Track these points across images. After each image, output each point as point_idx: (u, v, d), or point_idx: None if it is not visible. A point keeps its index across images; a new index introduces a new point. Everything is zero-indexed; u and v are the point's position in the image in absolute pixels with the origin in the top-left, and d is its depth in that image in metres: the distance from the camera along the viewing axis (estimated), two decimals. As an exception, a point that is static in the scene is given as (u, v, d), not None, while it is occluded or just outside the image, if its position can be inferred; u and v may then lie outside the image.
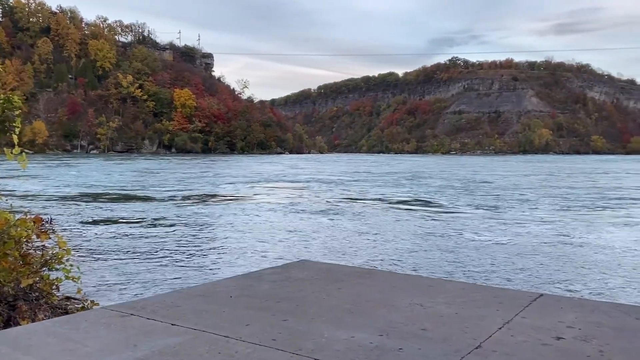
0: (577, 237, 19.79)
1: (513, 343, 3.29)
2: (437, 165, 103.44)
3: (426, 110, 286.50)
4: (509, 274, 13.54)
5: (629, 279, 13.24)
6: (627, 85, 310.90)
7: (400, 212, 28.09)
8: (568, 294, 11.26)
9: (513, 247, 17.29)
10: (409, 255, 16.03)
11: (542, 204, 31.19)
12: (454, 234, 20.17)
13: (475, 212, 27.77)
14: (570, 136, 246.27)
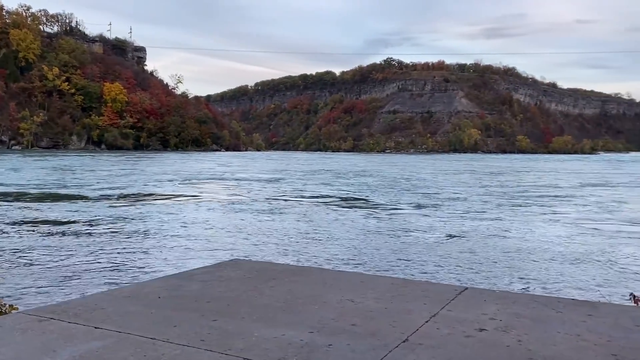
0: (507, 232, 20.75)
1: (439, 336, 3.39)
2: (373, 163, 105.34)
3: (362, 109, 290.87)
4: (440, 268, 14.00)
5: (552, 271, 14.03)
6: (549, 89, 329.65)
7: (336, 209, 28.37)
8: (495, 287, 11.79)
9: (446, 243, 17.89)
10: (344, 252, 16.23)
11: (475, 201, 32.47)
12: (390, 231, 20.61)
13: (411, 209, 28.50)
14: (498, 136, 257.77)
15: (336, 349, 3.08)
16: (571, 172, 74.52)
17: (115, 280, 11.76)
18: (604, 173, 73.98)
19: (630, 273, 14.02)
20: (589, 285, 12.51)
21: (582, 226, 22.97)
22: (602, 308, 4.29)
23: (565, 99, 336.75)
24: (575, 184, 50.32)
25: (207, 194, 36.38)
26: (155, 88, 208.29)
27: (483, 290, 4.85)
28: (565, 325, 3.69)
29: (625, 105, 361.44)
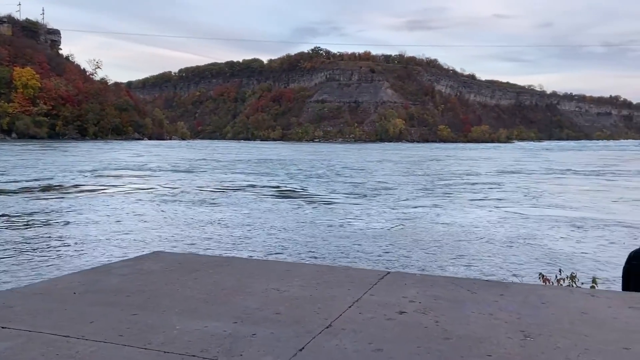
0: (435, 218, 21.55)
1: (361, 320, 3.47)
2: (303, 152, 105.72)
3: (291, 98, 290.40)
4: (370, 254, 14.34)
5: (478, 254, 14.75)
6: (469, 80, 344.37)
7: (267, 199, 28.27)
8: (424, 270, 12.25)
9: (377, 230, 18.32)
10: (276, 242, 16.23)
11: (404, 189, 33.44)
12: (322, 220, 20.81)
13: (343, 198, 28.91)
14: (421, 126, 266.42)
15: (260, 338, 3.07)
16: (491, 160, 78.50)
17: (26, 278, 11.11)
18: (521, 160, 78.56)
19: (551, 254, 15.01)
20: (511, 266, 13.27)
21: (506, 211, 24.33)
22: (513, 288, 4.56)
23: (483, 90, 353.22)
24: (496, 171, 53.12)
25: (129, 185, 35.05)
26: (72, 73, 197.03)
27: (405, 274, 5.02)
28: (479, 305, 3.89)
29: (538, 97, 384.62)
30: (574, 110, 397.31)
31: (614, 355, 3.01)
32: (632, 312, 3.81)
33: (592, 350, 3.08)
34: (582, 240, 17.36)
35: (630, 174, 49.49)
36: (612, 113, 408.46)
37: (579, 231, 19.14)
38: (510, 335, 3.28)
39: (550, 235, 17.99)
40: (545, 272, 8.30)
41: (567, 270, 10.34)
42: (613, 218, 22.06)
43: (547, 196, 30.83)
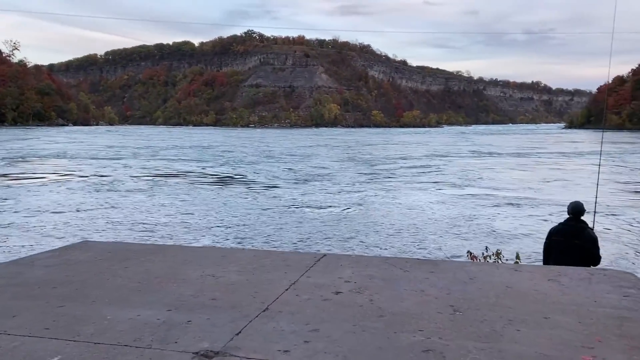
0: (378, 201, 21.92)
1: (298, 302, 3.50)
2: (238, 138, 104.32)
3: (224, 82, 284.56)
4: (310, 239, 14.43)
5: (419, 235, 15.19)
6: (401, 66, 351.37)
7: (205, 187, 27.74)
8: (366, 252, 12.48)
9: (319, 215, 18.41)
10: (213, 229, 15.99)
11: (344, 174, 33.75)
12: (262, 206, 20.68)
13: (283, 184, 28.80)
14: (355, 111, 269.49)
15: (195, 325, 3.03)
16: (424, 144, 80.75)
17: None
18: (452, 144, 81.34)
19: (485, 232, 15.68)
20: (449, 244, 13.76)
21: (444, 193, 25.15)
22: (442, 265, 4.75)
23: (415, 76, 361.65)
24: (430, 155, 54.75)
25: (55, 174, 33.33)
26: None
27: (340, 256, 5.10)
28: (411, 283, 4.03)
29: (465, 82, 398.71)
30: (499, 95, 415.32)
31: (535, 325, 3.21)
32: (551, 284, 4.07)
33: (516, 321, 3.27)
34: (512, 218, 18.28)
35: (555, 155, 52.46)
36: (533, 98, 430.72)
37: (510, 210, 20.13)
38: (441, 311, 3.42)
39: (484, 215, 18.80)
40: (480, 249, 8.69)
41: (500, 247, 10.90)
42: (541, 197, 23.35)
43: (481, 177, 32.13)
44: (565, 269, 4.69)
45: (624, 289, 4.00)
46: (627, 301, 3.70)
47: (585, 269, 4.64)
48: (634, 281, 4.22)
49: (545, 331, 3.12)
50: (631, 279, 4.28)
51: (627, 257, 12.49)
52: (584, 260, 6.23)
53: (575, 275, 4.33)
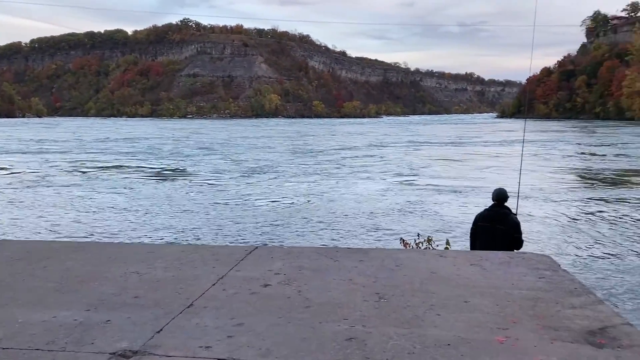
0: (324, 192, 21.96)
1: (224, 297, 3.46)
2: (175, 130, 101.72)
3: (160, 72, 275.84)
4: (252, 232, 14.29)
5: (363, 224, 15.34)
6: (340, 57, 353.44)
7: (143, 180, 26.88)
8: (308, 243, 12.49)
9: (265, 207, 18.22)
10: (144, 223, 15.53)
11: (289, 165, 33.56)
12: (205, 200, 20.25)
13: (227, 176, 28.31)
14: (296, 101, 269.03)
15: (115, 324, 2.93)
16: (365, 134, 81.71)
17: None
18: (393, 134, 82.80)
19: (426, 219, 16.04)
20: (389, 232, 13.99)
21: (388, 182, 25.52)
22: (372, 253, 4.82)
23: (354, 67, 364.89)
24: (373, 145, 55.50)
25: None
26: None
27: (272, 248, 5.08)
28: (340, 272, 4.07)
29: (403, 74, 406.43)
30: (434, 86, 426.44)
31: (455, 309, 3.32)
32: (473, 269, 4.24)
33: (437, 305, 3.38)
34: (449, 205, 18.85)
35: (489, 144, 54.46)
36: (467, 89, 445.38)
37: (447, 197, 20.74)
38: (367, 298, 3.48)
39: (424, 202, 19.27)
40: (415, 235, 8.90)
41: (434, 233, 11.22)
42: (477, 184, 24.15)
43: (422, 166, 32.86)
44: (487, 253, 4.89)
45: (540, 271, 4.21)
46: (541, 282, 3.90)
47: (506, 253, 4.85)
48: (550, 263, 4.45)
49: (465, 314, 3.24)
50: (547, 261, 4.52)
51: (547, 240, 13.20)
52: (507, 244, 6.52)
53: (496, 259, 4.52)
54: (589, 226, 15.29)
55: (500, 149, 48.17)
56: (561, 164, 34.71)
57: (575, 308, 3.36)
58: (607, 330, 3.05)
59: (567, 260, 11.17)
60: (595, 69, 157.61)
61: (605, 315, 3.26)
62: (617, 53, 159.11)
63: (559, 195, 21.15)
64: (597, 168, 31.66)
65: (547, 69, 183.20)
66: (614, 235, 14.02)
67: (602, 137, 68.34)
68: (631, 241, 13.21)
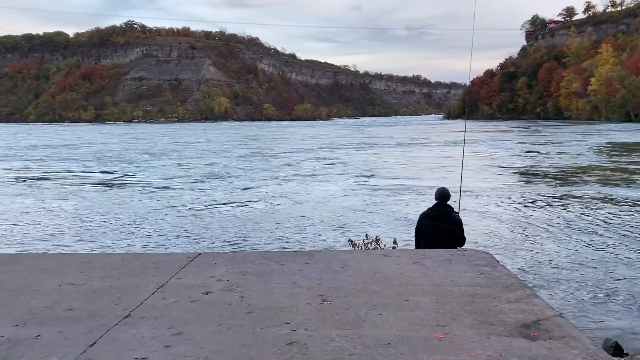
0: (281, 195, 21.74)
1: (163, 305, 3.37)
2: (120, 135, 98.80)
3: (104, 75, 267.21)
4: (210, 240, 14.01)
5: (299, 227, 15.30)
6: (290, 59, 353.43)
7: (90, 188, 25.93)
8: (263, 248, 12.35)
9: (220, 214, 17.87)
10: (82, 232, 14.99)
11: (243, 170, 33.06)
12: (157, 207, 19.70)
13: (178, 183, 27.65)
14: (246, 104, 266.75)
15: (45, 339, 2.80)
16: (318, 137, 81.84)
17: None
18: (346, 136, 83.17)
19: (378, 219, 16.17)
20: (340, 234, 14.03)
21: (347, 183, 25.56)
22: (318, 255, 4.82)
23: (304, 70, 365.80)
24: (326, 147, 55.63)
25: None
26: None
27: (216, 254, 5.00)
28: (285, 276, 4.05)
29: (352, 76, 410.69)
30: (383, 88, 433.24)
31: (396, 307, 3.36)
32: (415, 267, 4.31)
33: (379, 305, 3.41)
34: (399, 204, 19.10)
35: (441, 144, 55.65)
36: (415, 91, 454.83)
37: (398, 197, 21.02)
38: (310, 301, 3.47)
39: (377, 202, 19.44)
40: (367, 235, 8.96)
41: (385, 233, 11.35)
42: (431, 184, 24.51)
43: (378, 167, 33.13)
44: (429, 251, 4.99)
45: (479, 267, 4.33)
46: (480, 279, 4.01)
47: (447, 251, 4.96)
48: (489, 259, 4.58)
49: (405, 313, 3.28)
50: (486, 257, 4.65)
51: (490, 236, 13.63)
52: (451, 242, 6.68)
53: (437, 257, 4.62)
54: (530, 222, 15.89)
55: (448, 148, 49.39)
56: (506, 162, 35.96)
57: (511, 302, 3.47)
58: (541, 322, 3.16)
59: (507, 256, 11.57)
60: (535, 71, 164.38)
61: (539, 308, 3.38)
62: (555, 55, 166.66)
63: (503, 192, 21.88)
64: (539, 165, 32.99)
65: (490, 71, 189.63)
66: (555, 230, 14.63)
67: (543, 135, 71.35)
68: (570, 235, 13.82)
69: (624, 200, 19.08)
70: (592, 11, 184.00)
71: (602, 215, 16.46)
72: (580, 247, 12.46)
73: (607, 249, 12.21)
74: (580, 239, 13.30)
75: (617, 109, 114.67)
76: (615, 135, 64.55)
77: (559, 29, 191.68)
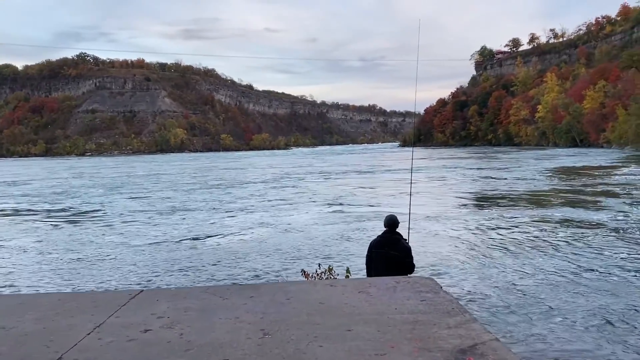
0: (230, 229, 21.42)
1: (98, 346, 3.26)
2: (71, 169, 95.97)
3: (55, 108, 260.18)
4: (143, 274, 13.64)
5: (249, 260, 15.11)
6: (247, 90, 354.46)
7: (27, 223, 24.92)
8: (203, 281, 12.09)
9: (180, 248, 17.41)
10: (19, 272, 14.35)
11: (202, 202, 32.45)
12: (103, 243, 19.06)
13: (140, 217, 26.92)
14: (203, 135, 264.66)
15: (-35, 389, 2.65)
16: (279, 166, 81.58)
17: None
18: (306, 164, 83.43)
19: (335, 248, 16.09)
20: (296, 264, 13.90)
21: (307, 211, 25.37)
22: (263, 288, 4.79)
23: (261, 100, 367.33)
24: (288, 175, 55.42)
25: None
26: None
27: (158, 290, 4.89)
28: (228, 311, 3.99)
29: (310, 106, 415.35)
30: (340, 118, 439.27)
31: (338, 338, 3.37)
32: (360, 296, 4.33)
33: (320, 336, 3.40)
34: (359, 231, 19.10)
35: (400, 171, 56.33)
36: (371, 120, 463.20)
37: (361, 223, 21.02)
38: (251, 336, 3.43)
39: (335, 231, 19.33)
40: (320, 265, 8.92)
41: (340, 262, 11.34)
42: (392, 210, 24.70)
43: (340, 195, 33.04)
44: (375, 279, 5.04)
45: (422, 293, 4.39)
46: (423, 305, 4.07)
47: (393, 278, 5.02)
48: (432, 285, 4.66)
49: (347, 343, 3.29)
50: (430, 283, 4.73)
51: (438, 262, 13.85)
52: (400, 269, 6.75)
53: (382, 285, 4.66)
54: (484, 245, 16.24)
55: (407, 175, 50.17)
56: (462, 187, 36.79)
57: (450, 328, 3.53)
58: (477, 347, 3.23)
59: (453, 281, 11.75)
60: (485, 99, 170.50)
61: (477, 333, 3.45)
62: (503, 84, 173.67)
63: (458, 217, 22.33)
64: (495, 190, 33.90)
65: (442, 99, 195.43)
66: (508, 253, 14.99)
67: (497, 160, 73.62)
68: (521, 257, 14.19)
69: (579, 222, 19.78)
70: (536, 42, 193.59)
71: (557, 237, 17.00)
72: (530, 269, 12.79)
73: (557, 272, 12.59)
74: (531, 261, 13.66)
75: (563, 135, 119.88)
76: (563, 160, 67.26)
77: (506, 59, 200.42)
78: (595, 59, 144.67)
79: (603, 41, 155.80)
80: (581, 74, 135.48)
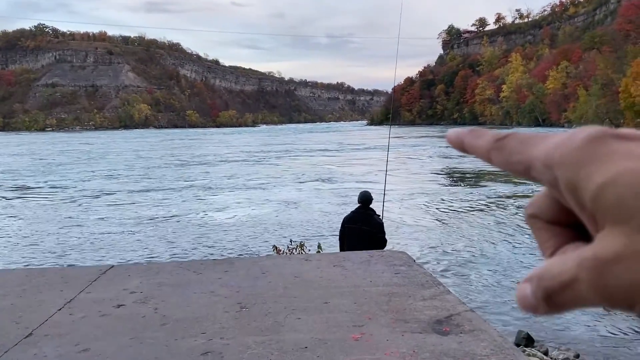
0: (196, 207, 21.16)
1: (70, 322, 3.18)
2: (31, 144, 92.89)
3: (12, 81, 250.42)
4: (115, 251, 13.40)
5: (223, 238, 15.02)
6: (213, 65, 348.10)
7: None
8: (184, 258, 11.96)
9: (141, 226, 17.11)
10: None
11: (170, 180, 31.84)
12: (69, 220, 18.61)
13: (99, 195, 26.29)
14: (168, 111, 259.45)
15: None
16: (247, 144, 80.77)
17: None
18: (274, 142, 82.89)
19: (308, 224, 16.10)
20: (267, 241, 13.87)
21: (277, 190, 25.23)
22: (238, 263, 4.75)
23: (228, 76, 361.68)
24: (258, 153, 54.93)
25: None
26: None
27: (129, 266, 4.80)
28: (202, 285, 3.95)
29: (278, 83, 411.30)
30: (308, 95, 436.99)
31: (315, 311, 3.37)
32: (334, 270, 4.34)
33: (298, 309, 3.40)
34: (335, 207, 19.13)
35: (370, 149, 56.53)
36: (339, 98, 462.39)
37: (335, 200, 21.08)
38: (227, 310, 3.40)
39: (310, 209, 19.34)
40: (292, 241, 8.92)
41: (314, 238, 11.41)
42: (364, 187, 24.75)
43: (311, 173, 32.96)
44: (349, 254, 5.06)
45: (396, 267, 4.44)
46: (397, 278, 4.11)
47: (367, 252, 5.05)
48: (405, 259, 4.71)
49: (324, 315, 3.30)
50: (403, 257, 4.77)
51: (409, 236, 14.09)
52: (373, 244, 6.81)
53: (357, 259, 4.69)
54: (453, 221, 16.58)
55: (375, 153, 50.44)
56: (433, 165, 37.34)
57: (425, 300, 3.58)
58: (452, 318, 3.28)
59: (425, 254, 11.99)
60: (451, 78, 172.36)
61: (451, 304, 3.51)
62: (470, 63, 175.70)
63: (425, 194, 22.69)
64: (463, 168, 34.53)
65: (410, 78, 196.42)
66: (477, 228, 15.35)
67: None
68: (490, 231, 14.56)
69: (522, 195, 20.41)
70: (502, 22, 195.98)
71: (504, 211, 17.49)
72: (498, 243, 13.16)
73: (524, 244, 12.97)
74: (499, 235, 14.04)
75: (527, 114, 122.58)
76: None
77: (473, 38, 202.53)
78: (559, 39, 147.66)
79: (566, 22, 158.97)
80: (545, 54, 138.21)
